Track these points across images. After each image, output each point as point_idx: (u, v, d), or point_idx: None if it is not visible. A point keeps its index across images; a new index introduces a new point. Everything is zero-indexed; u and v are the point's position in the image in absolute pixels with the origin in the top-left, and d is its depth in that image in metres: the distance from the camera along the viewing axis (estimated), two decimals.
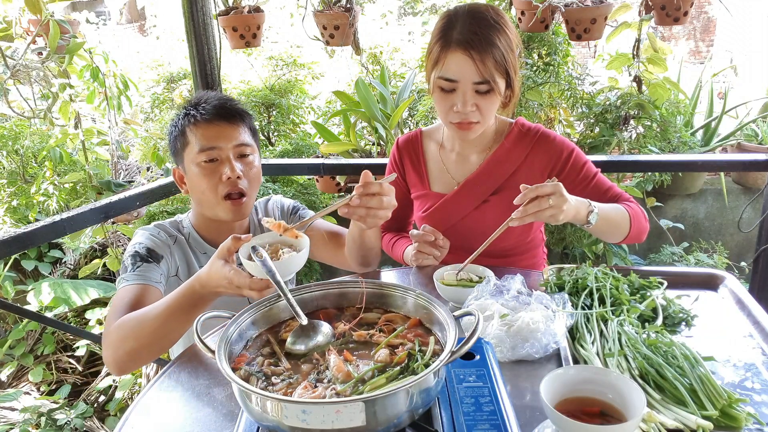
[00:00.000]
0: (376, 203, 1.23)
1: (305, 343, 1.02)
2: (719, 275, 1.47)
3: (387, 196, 1.24)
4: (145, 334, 1.27)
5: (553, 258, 3.18)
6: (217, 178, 1.51)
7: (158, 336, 1.28)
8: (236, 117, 1.56)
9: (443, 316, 1.00)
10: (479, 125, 1.54)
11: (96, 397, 2.99)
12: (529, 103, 3.03)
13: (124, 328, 1.29)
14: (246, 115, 1.60)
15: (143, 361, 1.36)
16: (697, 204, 3.66)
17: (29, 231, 1.94)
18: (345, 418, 0.82)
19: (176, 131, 1.57)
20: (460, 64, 1.46)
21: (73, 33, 2.68)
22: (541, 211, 1.32)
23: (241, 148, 1.55)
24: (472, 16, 1.47)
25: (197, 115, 1.53)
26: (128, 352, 1.29)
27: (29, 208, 3.51)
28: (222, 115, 1.53)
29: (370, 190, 1.22)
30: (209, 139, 1.51)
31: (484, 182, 1.66)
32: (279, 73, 4.55)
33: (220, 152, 1.52)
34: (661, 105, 2.92)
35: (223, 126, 1.53)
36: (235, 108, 1.57)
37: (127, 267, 1.48)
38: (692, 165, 2.78)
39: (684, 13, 2.37)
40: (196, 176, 1.53)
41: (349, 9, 2.57)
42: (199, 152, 1.51)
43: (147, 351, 1.31)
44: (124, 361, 1.32)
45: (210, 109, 1.54)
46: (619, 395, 0.89)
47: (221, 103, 1.56)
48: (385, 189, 1.24)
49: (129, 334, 1.29)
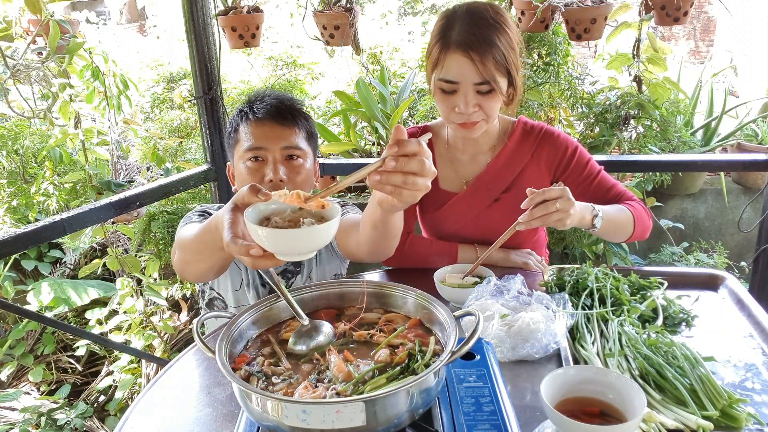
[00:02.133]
0: (417, 167, 0.90)
1: (306, 344, 1.02)
2: (719, 275, 1.48)
3: (429, 160, 0.92)
4: (186, 247, 1.29)
5: (553, 258, 3.18)
6: (260, 178, 1.48)
7: (194, 253, 1.25)
8: (289, 118, 1.52)
9: (443, 316, 1.00)
10: (483, 123, 1.54)
11: (96, 397, 2.99)
12: (529, 102, 3.03)
13: (178, 239, 1.36)
14: (302, 116, 1.55)
15: (191, 271, 1.34)
16: (697, 204, 3.66)
17: (29, 231, 1.94)
18: (345, 418, 0.82)
19: (231, 128, 1.57)
20: (460, 66, 1.45)
21: (73, 33, 2.67)
22: (548, 214, 1.33)
23: (289, 150, 1.50)
24: (471, 16, 1.46)
25: (250, 113, 1.51)
26: (179, 259, 1.34)
27: (29, 208, 3.51)
28: (274, 115, 1.50)
29: (407, 149, 0.89)
30: (257, 138, 1.48)
31: (493, 181, 1.66)
32: (279, 73, 4.55)
33: (266, 153, 1.48)
34: (661, 105, 2.92)
35: (274, 126, 1.50)
36: (291, 109, 1.53)
37: (192, 217, 1.50)
38: (692, 165, 2.78)
39: (684, 13, 2.37)
40: (241, 174, 1.51)
41: (349, 9, 2.57)
42: (246, 150, 1.49)
43: (191, 265, 1.31)
44: (180, 269, 1.36)
45: (264, 107, 1.51)
46: (619, 395, 0.89)
47: (277, 103, 1.52)
48: (424, 150, 0.91)
49: (178, 245, 1.34)
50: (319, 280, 1.68)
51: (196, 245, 1.23)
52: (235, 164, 1.56)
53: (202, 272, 1.33)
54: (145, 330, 3.02)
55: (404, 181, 0.91)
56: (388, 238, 1.22)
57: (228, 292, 1.65)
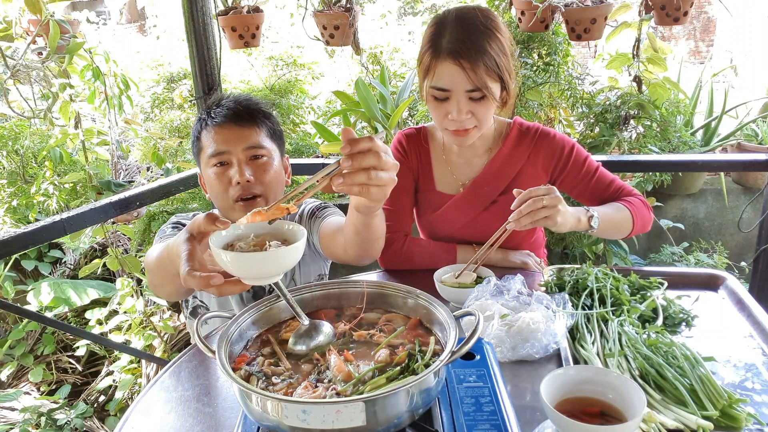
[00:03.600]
0: (374, 160, 0.91)
1: (307, 344, 1.02)
2: (719, 275, 1.48)
3: (385, 153, 0.93)
4: (150, 270, 1.30)
5: (553, 258, 3.18)
6: (228, 181, 1.49)
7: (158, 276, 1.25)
8: (248, 118, 1.51)
9: (443, 316, 1.00)
10: (476, 130, 1.53)
11: (96, 397, 2.99)
12: (529, 103, 3.03)
13: (146, 258, 1.34)
14: (262, 115, 1.54)
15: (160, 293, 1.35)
16: (697, 204, 3.66)
17: (29, 231, 1.94)
18: (345, 418, 0.82)
19: (193, 137, 1.57)
20: (451, 74, 1.43)
21: (73, 33, 2.68)
22: (536, 210, 1.32)
23: (252, 150, 1.50)
24: (461, 23, 1.44)
25: (209, 120, 1.52)
26: (149, 280, 1.34)
27: (29, 208, 3.51)
28: (233, 118, 1.50)
29: (359, 147, 0.90)
30: (219, 142, 1.49)
31: (490, 183, 1.66)
32: (279, 73, 4.55)
33: (230, 156, 1.49)
34: (661, 105, 2.93)
35: (233, 128, 1.50)
36: (250, 109, 1.53)
37: (166, 230, 1.53)
38: (692, 165, 2.78)
39: (684, 13, 2.37)
40: (210, 180, 1.52)
41: (349, 9, 2.57)
42: (210, 157, 1.50)
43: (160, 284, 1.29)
44: (150, 286, 1.35)
45: (222, 111, 1.51)
46: (619, 395, 0.89)
47: (234, 105, 1.52)
48: (378, 144, 0.92)
49: (146, 266, 1.33)
50: (303, 280, 1.68)
51: (157, 270, 1.24)
52: (203, 172, 1.56)
53: (170, 295, 1.34)
54: (145, 330, 3.02)
55: (368, 177, 0.91)
56: (372, 241, 1.26)
57: (212, 298, 1.64)
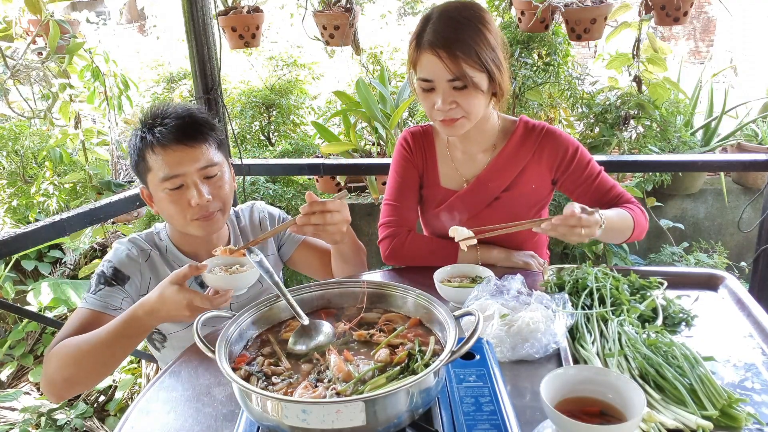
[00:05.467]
0: (319, 219, 1.31)
1: (306, 343, 1.02)
2: (719, 275, 1.47)
3: (331, 213, 1.31)
4: (85, 360, 1.28)
5: (553, 258, 3.18)
6: (185, 202, 1.43)
7: (97, 363, 1.29)
8: (197, 135, 1.44)
9: (443, 316, 1.01)
10: (464, 120, 1.54)
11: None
12: (529, 103, 3.03)
13: (62, 353, 1.29)
14: (207, 129, 1.47)
15: (80, 388, 1.36)
16: (697, 204, 3.66)
17: (29, 231, 1.94)
18: (345, 417, 0.82)
19: (135, 156, 1.47)
20: (431, 64, 1.48)
21: (73, 33, 2.68)
22: (568, 236, 1.36)
23: (207, 170, 1.45)
24: (442, 16, 1.49)
25: (153, 141, 1.41)
26: (66, 379, 1.30)
27: (29, 208, 3.51)
28: (181, 138, 1.41)
29: (313, 208, 1.31)
30: (171, 165, 1.41)
31: (494, 180, 1.67)
32: (279, 74, 4.55)
33: (184, 178, 1.42)
34: (661, 105, 2.93)
35: (184, 149, 1.41)
36: (195, 125, 1.44)
37: (91, 286, 1.45)
38: (692, 165, 2.78)
39: (684, 13, 2.37)
40: (163, 202, 1.45)
41: (348, 9, 2.57)
42: (162, 180, 1.42)
43: (85, 378, 1.32)
44: (60, 388, 1.32)
45: (167, 132, 1.41)
46: (619, 395, 0.89)
47: (178, 123, 1.42)
48: (329, 206, 1.31)
49: (68, 360, 1.29)
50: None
51: (108, 345, 1.27)
52: (153, 192, 1.48)
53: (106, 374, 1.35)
54: None
55: (315, 229, 1.33)
56: (357, 255, 1.62)
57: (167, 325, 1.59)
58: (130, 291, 1.47)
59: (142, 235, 1.57)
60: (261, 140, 4.28)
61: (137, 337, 1.31)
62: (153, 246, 1.56)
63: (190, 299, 1.20)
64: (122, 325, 1.28)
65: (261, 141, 4.28)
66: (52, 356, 1.31)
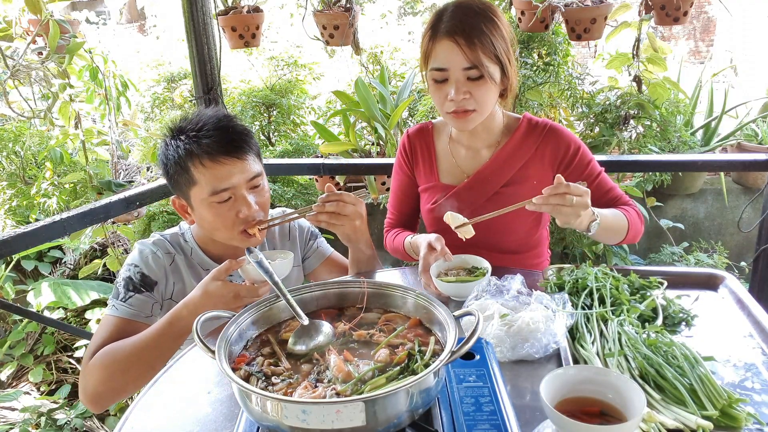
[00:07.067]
0: (333, 207, 1.42)
1: (306, 344, 1.02)
2: (719, 275, 1.47)
3: (345, 203, 1.42)
4: (133, 367, 1.29)
5: (553, 258, 3.17)
6: (234, 214, 1.41)
7: (145, 368, 1.30)
8: (242, 145, 1.42)
9: (443, 316, 1.01)
10: (476, 113, 1.54)
11: None
12: (529, 102, 3.03)
13: (106, 363, 1.29)
14: (249, 137, 1.46)
15: (126, 395, 1.35)
16: (697, 204, 3.66)
17: (29, 231, 1.94)
18: (345, 418, 0.82)
19: (177, 168, 1.41)
20: (447, 51, 1.49)
21: (73, 33, 2.68)
22: (561, 206, 1.31)
23: (254, 180, 1.44)
24: (458, 7, 1.52)
25: (202, 154, 1.37)
26: (113, 388, 1.31)
27: (29, 208, 3.51)
28: (230, 151, 1.39)
29: (330, 197, 1.42)
30: (222, 179, 1.38)
31: (494, 175, 1.67)
32: (279, 73, 4.55)
33: (234, 191, 1.41)
34: (661, 105, 2.92)
35: (234, 162, 1.39)
36: (240, 136, 1.42)
37: (120, 293, 1.44)
38: (692, 165, 2.77)
39: (684, 13, 2.37)
40: (209, 214, 1.42)
41: (348, 9, 2.57)
42: (211, 194, 1.39)
43: (132, 384, 1.33)
44: (105, 398, 1.33)
45: (213, 142, 1.38)
46: (619, 395, 0.89)
47: (223, 134, 1.39)
48: (344, 197, 1.42)
49: (115, 369, 1.29)
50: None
51: (154, 348, 1.31)
52: (193, 204, 1.45)
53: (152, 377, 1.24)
54: None
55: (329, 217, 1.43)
56: (371, 258, 1.65)
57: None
58: (157, 296, 1.48)
59: (166, 236, 1.55)
60: (261, 140, 4.28)
61: (182, 337, 1.34)
62: (178, 248, 1.54)
63: (237, 291, 1.29)
64: (167, 327, 1.31)
65: (261, 141, 4.28)
66: (93, 368, 1.30)
